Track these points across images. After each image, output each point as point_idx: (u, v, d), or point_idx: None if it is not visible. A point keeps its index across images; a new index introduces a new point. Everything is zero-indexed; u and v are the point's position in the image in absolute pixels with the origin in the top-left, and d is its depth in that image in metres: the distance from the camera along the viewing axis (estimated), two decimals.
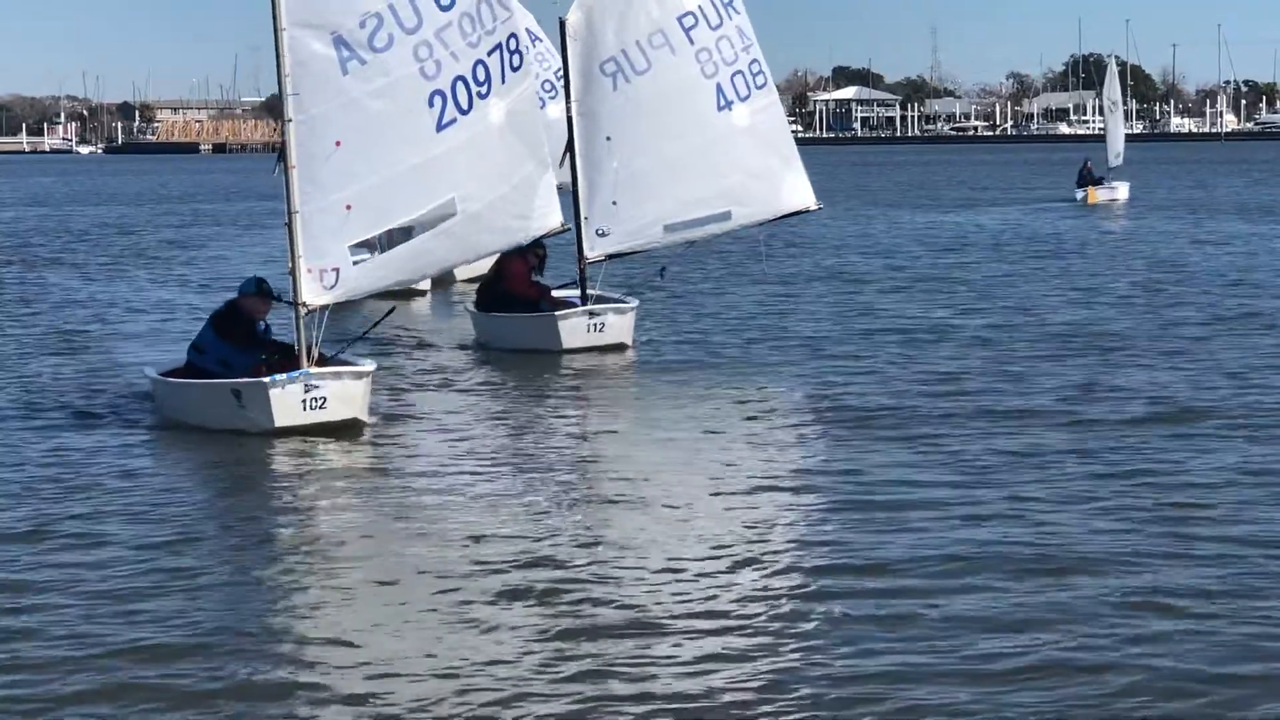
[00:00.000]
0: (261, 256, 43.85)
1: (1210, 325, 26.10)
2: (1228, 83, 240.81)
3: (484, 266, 36.81)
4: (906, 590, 11.50)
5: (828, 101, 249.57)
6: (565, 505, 14.26)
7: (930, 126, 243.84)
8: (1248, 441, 16.66)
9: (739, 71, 23.24)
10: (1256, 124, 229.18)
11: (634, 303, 24.21)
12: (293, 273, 18.02)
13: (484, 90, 18.49)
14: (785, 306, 29.59)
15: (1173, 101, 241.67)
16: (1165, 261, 38.34)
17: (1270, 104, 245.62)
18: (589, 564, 12.23)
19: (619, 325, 23.59)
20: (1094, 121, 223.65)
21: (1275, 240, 44.46)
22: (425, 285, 34.98)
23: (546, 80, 36.34)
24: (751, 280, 34.16)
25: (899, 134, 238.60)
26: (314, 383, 17.63)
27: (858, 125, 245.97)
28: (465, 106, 18.39)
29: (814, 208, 24.27)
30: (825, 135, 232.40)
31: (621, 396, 20.62)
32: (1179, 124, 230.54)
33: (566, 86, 24.06)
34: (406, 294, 30.78)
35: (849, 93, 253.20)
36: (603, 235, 23.66)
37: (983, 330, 25.67)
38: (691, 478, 15.29)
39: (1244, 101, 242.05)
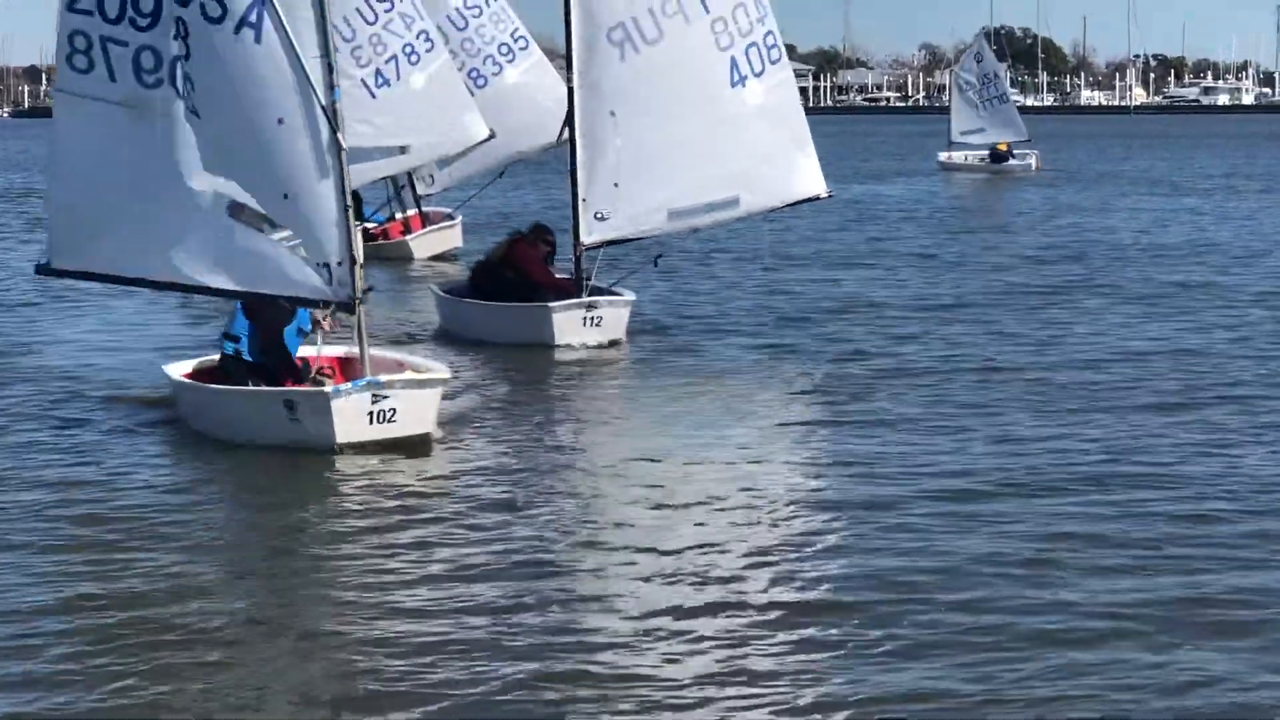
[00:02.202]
0: None
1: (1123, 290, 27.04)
2: (1137, 56, 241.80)
3: (443, 245, 35.35)
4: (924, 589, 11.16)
5: None
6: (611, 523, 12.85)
7: (843, 97, 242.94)
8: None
9: (754, 44, 21.40)
10: (1165, 98, 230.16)
11: (631, 295, 22.23)
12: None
13: None
14: (765, 288, 28.33)
15: (1083, 74, 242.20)
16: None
17: (1179, 78, 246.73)
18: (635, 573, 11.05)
19: (616, 319, 21.66)
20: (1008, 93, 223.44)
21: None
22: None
23: (503, 44, 34.33)
24: (733, 262, 32.86)
25: (812, 104, 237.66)
26: (382, 392, 15.42)
27: None
28: None
29: (824, 195, 22.34)
30: None
31: (637, 396, 19.11)
32: (1089, 97, 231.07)
33: (568, 55, 21.91)
34: None
35: None
36: (601, 219, 21.65)
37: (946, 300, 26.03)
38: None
39: (1153, 75, 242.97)
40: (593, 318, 21.47)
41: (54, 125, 16.19)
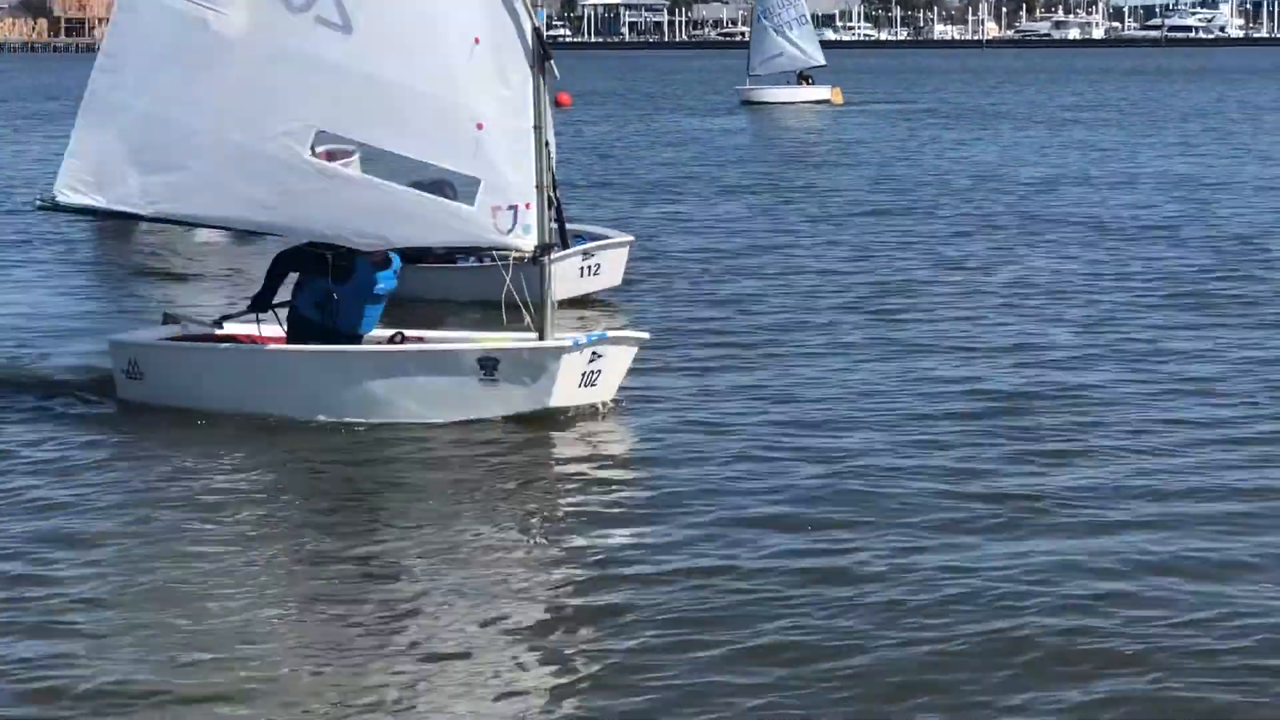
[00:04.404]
0: (33, 157, 42.99)
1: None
2: None
3: None
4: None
5: (596, 6, 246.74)
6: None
7: (698, 32, 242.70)
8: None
9: None
10: (1017, 32, 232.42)
11: (628, 236, 20.68)
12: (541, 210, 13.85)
13: None
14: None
15: (936, 9, 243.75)
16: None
17: (1030, 12, 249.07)
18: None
19: (614, 264, 19.93)
20: (859, 28, 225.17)
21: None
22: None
23: None
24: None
25: (666, 40, 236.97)
26: (600, 350, 13.74)
27: (625, 30, 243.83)
28: None
29: None
30: (593, 40, 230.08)
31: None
32: (942, 31, 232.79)
33: None
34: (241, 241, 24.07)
35: None
36: None
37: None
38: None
39: (1005, 9, 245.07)
40: (591, 266, 19.79)
41: (122, 24, 13.78)
